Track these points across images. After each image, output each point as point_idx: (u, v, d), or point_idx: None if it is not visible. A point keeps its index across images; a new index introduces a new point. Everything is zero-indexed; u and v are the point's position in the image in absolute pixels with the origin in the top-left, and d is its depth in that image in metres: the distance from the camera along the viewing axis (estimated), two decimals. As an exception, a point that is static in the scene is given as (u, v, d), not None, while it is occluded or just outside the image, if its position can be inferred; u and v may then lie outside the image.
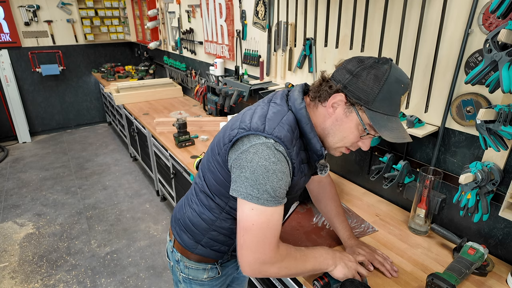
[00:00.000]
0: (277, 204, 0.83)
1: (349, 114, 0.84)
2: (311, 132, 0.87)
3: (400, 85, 0.81)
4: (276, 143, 0.81)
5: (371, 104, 0.80)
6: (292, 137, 0.85)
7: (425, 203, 1.32)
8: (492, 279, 1.12)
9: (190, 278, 1.14)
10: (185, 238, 1.10)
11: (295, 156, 0.86)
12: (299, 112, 0.87)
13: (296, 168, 0.88)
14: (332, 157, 1.90)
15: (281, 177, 0.82)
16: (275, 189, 0.81)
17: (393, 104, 0.82)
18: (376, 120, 0.80)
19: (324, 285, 1.04)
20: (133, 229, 2.89)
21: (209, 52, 3.03)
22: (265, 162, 0.80)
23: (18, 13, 4.56)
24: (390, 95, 0.80)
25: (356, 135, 0.86)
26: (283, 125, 0.84)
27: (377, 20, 1.44)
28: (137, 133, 3.44)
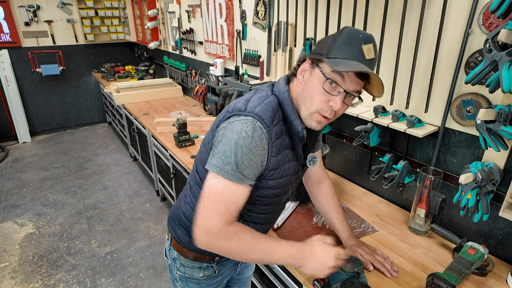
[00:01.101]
0: (238, 181, 0.83)
1: (313, 72, 0.85)
2: (292, 114, 0.88)
3: (358, 34, 0.81)
4: (254, 119, 0.82)
5: (330, 53, 0.81)
6: (273, 117, 0.85)
7: (425, 203, 1.32)
8: (492, 279, 1.12)
9: (186, 276, 1.14)
10: (180, 233, 1.10)
11: (275, 136, 0.86)
12: (282, 95, 0.90)
13: (276, 148, 0.87)
14: (332, 157, 1.90)
15: (245, 152, 0.81)
16: (238, 164, 0.81)
17: (353, 50, 0.80)
18: (333, 62, 0.79)
19: (324, 285, 1.04)
20: (133, 229, 2.89)
21: (209, 52, 3.03)
22: (235, 136, 0.82)
23: (18, 13, 4.56)
24: (348, 41, 0.80)
25: (322, 92, 0.83)
26: (264, 105, 0.86)
27: (377, 20, 1.44)
28: (137, 133, 3.44)
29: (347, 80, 0.82)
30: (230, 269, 1.21)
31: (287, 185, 0.98)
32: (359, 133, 1.59)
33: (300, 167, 1.01)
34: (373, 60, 0.83)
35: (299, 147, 0.95)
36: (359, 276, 1.07)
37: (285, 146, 0.90)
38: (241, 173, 0.83)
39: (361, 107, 1.59)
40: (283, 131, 0.89)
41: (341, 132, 1.82)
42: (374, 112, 1.45)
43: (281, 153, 0.89)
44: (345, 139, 1.79)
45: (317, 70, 0.84)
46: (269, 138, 0.84)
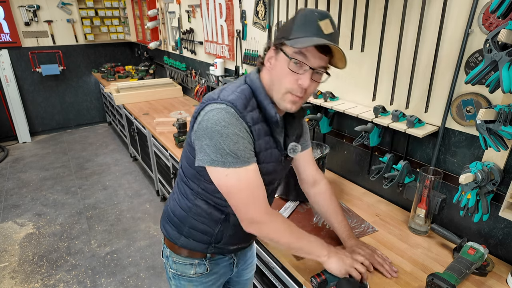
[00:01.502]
0: (245, 164, 0.87)
1: (278, 56, 0.88)
2: (265, 99, 0.91)
3: (313, 13, 0.84)
4: (228, 107, 0.86)
5: (290, 35, 0.84)
6: (246, 104, 0.88)
7: (425, 203, 1.32)
8: (492, 279, 1.12)
9: (178, 274, 1.15)
10: (168, 229, 1.12)
11: (251, 121, 0.88)
12: (253, 82, 0.93)
13: (256, 133, 0.90)
14: (332, 157, 1.91)
15: (236, 139, 0.85)
16: (235, 151, 0.85)
17: (311, 27, 0.83)
18: (293, 42, 0.82)
19: (321, 282, 1.04)
20: (133, 229, 2.89)
21: (209, 52, 3.03)
22: (217, 127, 0.84)
23: (18, 13, 4.56)
24: (305, 20, 0.83)
25: (289, 72, 0.86)
26: (237, 93, 0.89)
27: (377, 20, 1.44)
28: (137, 133, 3.44)
29: (310, 57, 0.84)
30: (226, 268, 1.20)
31: (271, 173, 1.00)
32: (359, 133, 1.59)
33: (283, 157, 1.02)
34: (333, 34, 0.85)
35: (279, 136, 0.97)
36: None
37: (264, 132, 0.93)
38: (242, 157, 0.86)
39: (361, 107, 1.59)
40: (259, 118, 0.91)
41: (341, 132, 1.82)
42: (374, 112, 1.45)
43: (261, 138, 0.92)
44: (345, 139, 1.79)
45: (281, 53, 0.87)
46: (245, 122, 0.87)
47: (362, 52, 1.54)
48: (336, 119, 1.83)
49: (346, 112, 1.56)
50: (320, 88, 1.84)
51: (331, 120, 1.81)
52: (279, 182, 1.11)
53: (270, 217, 0.92)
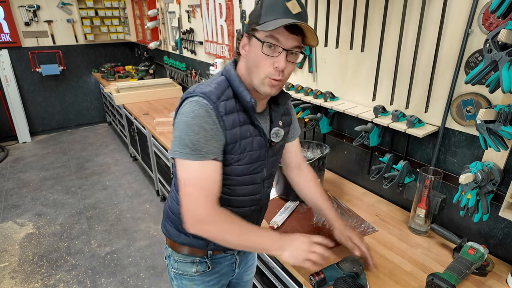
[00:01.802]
0: (200, 158, 0.86)
1: (251, 43, 0.89)
2: (239, 86, 0.92)
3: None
4: (199, 97, 0.87)
5: (259, 20, 0.85)
6: (219, 93, 0.89)
7: (425, 203, 1.32)
8: (492, 279, 1.12)
9: (180, 273, 1.14)
10: (168, 227, 1.13)
11: (224, 111, 0.89)
12: (228, 73, 0.94)
13: (228, 123, 0.90)
14: (332, 157, 1.91)
15: (198, 131, 0.85)
16: (194, 143, 0.85)
17: (278, 9, 0.83)
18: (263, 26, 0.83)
19: (320, 280, 1.05)
20: (133, 229, 2.89)
21: (209, 52, 3.03)
22: (185, 118, 0.86)
23: (18, 13, 4.56)
24: (272, 3, 0.84)
25: (263, 56, 0.87)
26: (210, 85, 0.91)
27: (377, 20, 1.44)
28: (137, 133, 3.44)
29: (282, 40, 0.85)
30: (227, 268, 1.19)
31: (256, 162, 0.99)
32: (359, 133, 1.59)
33: (268, 144, 1.01)
34: (301, 13, 0.85)
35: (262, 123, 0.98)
36: (358, 277, 1.08)
37: (242, 121, 0.93)
38: (199, 150, 0.86)
39: (361, 107, 1.59)
40: (236, 108, 0.92)
41: (341, 132, 1.82)
42: (374, 112, 1.45)
43: (237, 127, 0.92)
44: (345, 139, 1.79)
45: (253, 39, 0.87)
46: (216, 113, 0.87)
47: (362, 52, 1.54)
48: (336, 119, 1.83)
49: (346, 112, 1.56)
50: (320, 88, 1.84)
51: (331, 120, 1.82)
52: (271, 171, 1.09)
53: (218, 216, 0.89)
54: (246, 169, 0.98)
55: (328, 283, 1.06)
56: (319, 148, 1.72)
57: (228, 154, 0.93)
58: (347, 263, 1.09)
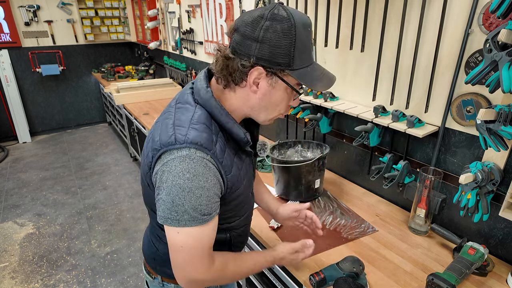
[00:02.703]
0: (202, 223, 0.75)
1: (274, 84, 0.77)
2: (228, 121, 0.79)
3: (307, 29, 0.75)
4: (190, 150, 0.72)
5: (293, 64, 0.74)
6: (211, 134, 0.76)
7: (425, 203, 1.32)
8: (492, 279, 1.12)
9: None
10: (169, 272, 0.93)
11: (221, 154, 0.77)
12: (208, 103, 0.78)
13: (228, 165, 0.80)
14: (332, 157, 1.91)
15: (199, 193, 0.73)
16: (195, 208, 0.73)
17: (309, 53, 0.77)
18: (304, 78, 0.76)
19: (320, 280, 1.05)
20: (133, 229, 2.89)
21: (209, 52, 3.03)
22: (179, 181, 0.71)
23: (18, 13, 4.56)
24: (303, 45, 0.74)
25: (287, 100, 0.82)
26: (194, 126, 0.75)
27: (377, 20, 1.44)
28: (137, 133, 3.44)
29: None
30: None
31: (250, 182, 0.97)
32: (359, 133, 1.59)
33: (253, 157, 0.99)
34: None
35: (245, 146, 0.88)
36: (358, 277, 1.08)
37: (234, 153, 0.84)
38: (201, 215, 0.75)
39: (361, 107, 1.59)
40: (225, 142, 0.80)
41: (341, 132, 1.82)
42: (374, 112, 1.45)
43: (233, 164, 0.82)
44: (345, 139, 1.79)
45: (280, 82, 0.77)
46: (216, 162, 0.75)
47: (362, 52, 1.54)
48: (336, 119, 1.83)
49: (346, 112, 1.56)
50: (320, 88, 1.84)
51: (331, 120, 1.81)
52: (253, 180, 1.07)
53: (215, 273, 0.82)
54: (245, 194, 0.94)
55: (328, 283, 1.06)
56: (319, 148, 1.72)
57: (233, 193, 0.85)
58: (347, 263, 1.09)
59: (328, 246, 1.28)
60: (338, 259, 1.13)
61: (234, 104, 0.82)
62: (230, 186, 0.82)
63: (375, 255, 1.24)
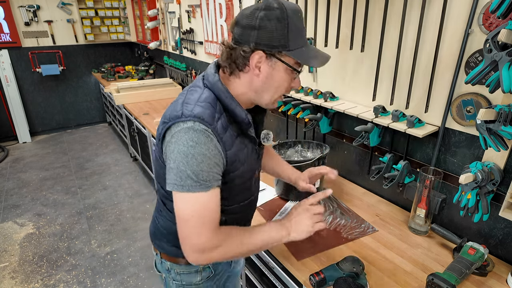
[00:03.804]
0: (204, 189, 0.81)
1: (274, 65, 0.84)
2: (232, 103, 0.87)
3: (297, 15, 0.83)
4: (195, 123, 0.80)
5: (289, 45, 0.81)
6: (213, 113, 0.83)
7: (425, 203, 1.32)
8: (492, 279, 1.12)
9: (184, 283, 1.10)
10: (166, 246, 1.08)
11: (222, 131, 0.84)
12: (215, 86, 0.87)
13: (228, 142, 0.86)
14: (332, 157, 1.91)
15: (201, 159, 0.80)
16: (197, 173, 0.80)
17: (302, 35, 0.85)
18: (300, 56, 0.83)
19: (320, 280, 1.05)
20: (133, 229, 2.89)
21: (209, 52, 3.03)
22: (183, 148, 0.79)
23: (18, 13, 4.56)
24: (297, 28, 0.82)
25: (288, 80, 0.88)
26: (200, 104, 0.84)
27: (377, 20, 1.44)
28: (137, 133, 3.44)
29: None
30: (226, 265, 1.18)
31: (251, 168, 0.99)
32: (359, 133, 1.59)
33: (257, 146, 1.01)
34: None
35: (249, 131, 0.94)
36: (358, 277, 1.08)
37: (236, 134, 0.90)
38: (205, 181, 0.81)
39: (361, 107, 1.59)
40: (228, 122, 0.88)
41: (341, 132, 1.82)
42: (374, 112, 1.45)
43: (234, 143, 0.88)
44: (345, 139, 1.79)
45: (279, 63, 0.84)
46: (216, 136, 0.83)
47: (362, 52, 1.54)
48: (336, 119, 1.83)
49: (346, 112, 1.56)
50: (320, 88, 1.84)
51: (331, 120, 1.81)
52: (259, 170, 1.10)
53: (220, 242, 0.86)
54: (244, 179, 0.97)
55: (328, 283, 1.06)
56: (319, 148, 1.72)
57: (231, 173, 0.90)
58: (347, 263, 1.09)
59: (328, 246, 1.28)
60: (338, 259, 1.13)
61: (239, 89, 0.89)
62: (230, 163, 0.88)
63: (375, 255, 1.24)
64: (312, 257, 1.22)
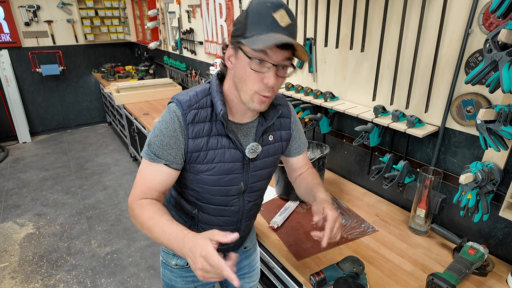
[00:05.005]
0: (151, 160, 0.91)
1: (238, 55, 0.83)
2: (215, 96, 0.90)
3: (265, 5, 0.78)
4: (172, 104, 0.90)
5: (246, 33, 0.79)
6: (193, 102, 0.89)
7: (425, 203, 1.32)
8: (492, 279, 1.12)
9: (164, 261, 1.17)
10: None
11: (192, 119, 0.88)
12: (211, 81, 0.94)
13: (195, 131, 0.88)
14: (332, 157, 1.91)
15: (157, 134, 0.89)
16: (150, 144, 0.91)
17: (266, 22, 0.77)
18: (251, 41, 0.77)
19: (320, 280, 1.05)
20: (133, 229, 2.89)
21: (209, 52, 3.03)
22: (156, 120, 0.92)
23: (18, 13, 4.57)
24: (259, 16, 0.78)
25: (252, 72, 0.81)
26: (190, 92, 0.92)
27: (377, 20, 1.44)
28: (137, 133, 3.44)
29: (271, 54, 0.78)
30: None
31: (228, 174, 0.94)
32: (359, 133, 1.59)
33: (248, 158, 0.96)
34: (290, 26, 0.79)
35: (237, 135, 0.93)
36: (358, 277, 1.08)
37: (215, 132, 0.91)
38: (153, 153, 0.90)
39: (361, 107, 1.59)
40: (210, 117, 0.90)
41: (341, 132, 1.82)
42: (374, 112, 1.45)
43: (203, 137, 0.90)
44: (345, 139, 1.79)
45: (240, 53, 0.82)
46: (183, 120, 0.88)
47: (362, 52, 1.54)
48: (336, 119, 1.83)
49: (346, 112, 1.56)
50: (320, 88, 1.84)
51: (331, 120, 1.81)
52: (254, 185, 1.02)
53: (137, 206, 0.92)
54: (217, 180, 0.95)
55: (328, 283, 1.06)
56: (319, 148, 1.72)
57: (193, 163, 0.92)
58: (347, 263, 1.09)
59: (328, 246, 1.28)
60: (338, 259, 1.13)
61: (226, 85, 0.93)
62: (190, 152, 0.90)
63: (375, 255, 1.24)
64: (312, 257, 1.22)
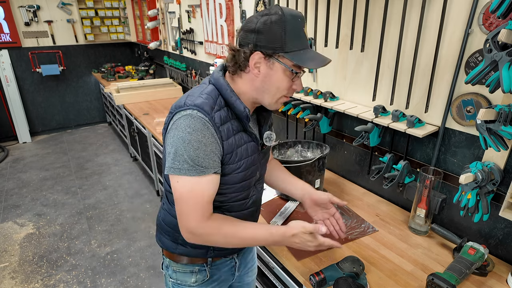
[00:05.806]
0: (200, 174, 0.87)
1: (272, 66, 0.88)
2: (232, 96, 0.91)
3: (297, 19, 0.86)
4: (193, 111, 0.86)
5: (285, 47, 0.85)
6: (212, 104, 0.89)
7: (425, 203, 1.32)
8: (492, 279, 1.12)
9: (179, 282, 1.12)
10: (164, 240, 1.11)
11: (219, 121, 0.89)
12: (217, 81, 0.93)
13: (225, 133, 0.90)
14: (332, 157, 1.91)
15: (197, 146, 0.85)
16: (193, 159, 0.85)
17: (301, 38, 0.88)
18: (297, 58, 0.86)
19: (320, 280, 1.05)
20: (133, 229, 2.89)
21: (209, 52, 3.03)
22: (182, 134, 0.85)
23: (18, 13, 4.57)
24: (295, 31, 0.86)
25: (287, 81, 0.91)
26: (201, 95, 0.90)
27: (377, 20, 1.44)
28: (137, 133, 3.44)
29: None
30: (227, 274, 1.18)
31: (250, 167, 1.00)
32: (359, 133, 1.59)
33: (260, 147, 1.03)
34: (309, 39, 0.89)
35: (253, 128, 0.98)
36: (358, 277, 1.08)
37: (236, 129, 0.94)
38: (201, 166, 0.86)
39: (361, 107, 1.59)
40: (229, 116, 0.92)
41: (341, 132, 1.82)
42: (374, 112, 1.45)
43: (232, 136, 0.92)
44: (345, 139, 1.79)
45: (277, 64, 0.87)
46: (213, 124, 0.87)
47: (362, 52, 1.54)
48: (336, 119, 1.83)
49: (346, 112, 1.56)
50: (320, 88, 1.84)
51: (331, 120, 1.81)
52: (262, 172, 1.11)
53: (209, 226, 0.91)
54: (243, 176, 0.98)
55: (328, 283, 1.06)
56: (319, 148, 1.72)
57: (226, 164, 0.93)
58: (347, 263, 1.09)
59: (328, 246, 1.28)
60: (338, 259, 1.13)
61: (241, 87, 0.94)
62: (225, 153, 0.91)
63: (375, 255, 1.24)
64: (312, 257, 1.22)
